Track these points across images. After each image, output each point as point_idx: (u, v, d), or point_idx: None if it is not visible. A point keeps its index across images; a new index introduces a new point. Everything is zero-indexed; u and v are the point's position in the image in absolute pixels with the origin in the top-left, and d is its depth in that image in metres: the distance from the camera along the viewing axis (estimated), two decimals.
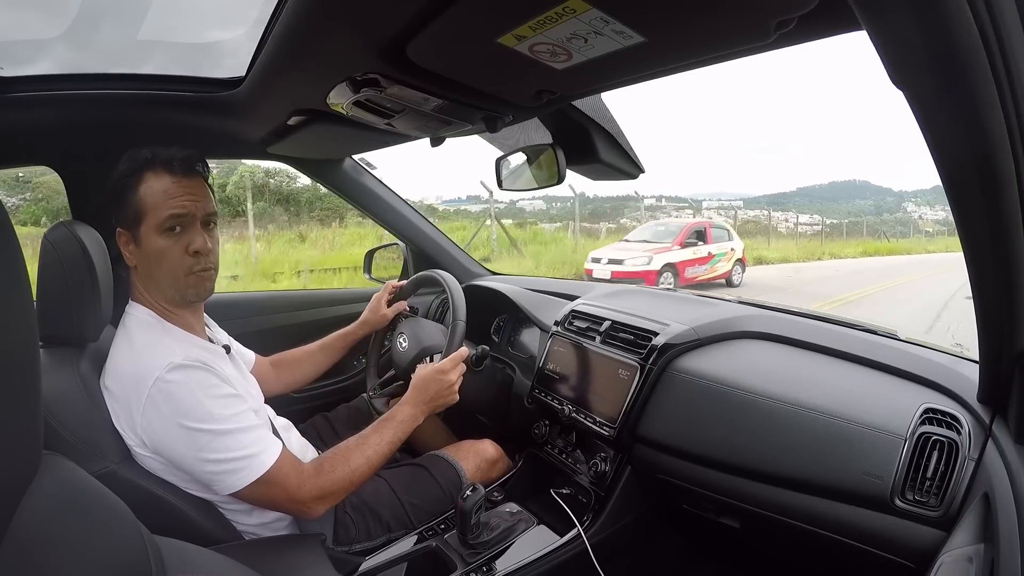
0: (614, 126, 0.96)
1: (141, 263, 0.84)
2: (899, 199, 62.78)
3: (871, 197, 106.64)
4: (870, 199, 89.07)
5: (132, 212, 0.81)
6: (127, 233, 0.83)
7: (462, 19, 0.56)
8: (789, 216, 25.44)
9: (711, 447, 0.93)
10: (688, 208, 25.53)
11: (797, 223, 21.54)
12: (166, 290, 0.85)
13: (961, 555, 0.55)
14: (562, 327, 1.26)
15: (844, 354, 0.95)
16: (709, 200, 30.38)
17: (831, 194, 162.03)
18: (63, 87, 0.94)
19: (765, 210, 24.87)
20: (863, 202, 66.03)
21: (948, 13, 0.34)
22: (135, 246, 0.83)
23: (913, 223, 26.59)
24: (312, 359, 1.27)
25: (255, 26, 0.76)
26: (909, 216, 37.09)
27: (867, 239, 20.96)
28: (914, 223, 26.46)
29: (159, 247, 0.82)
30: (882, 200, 48.60)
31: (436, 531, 1.03)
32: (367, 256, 1.81)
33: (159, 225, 0.81)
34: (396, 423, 0.95)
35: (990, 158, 0.42)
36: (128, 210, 0.81)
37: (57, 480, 0.40)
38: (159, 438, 0.76)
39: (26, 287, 0.35)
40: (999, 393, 0.67)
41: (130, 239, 0.83)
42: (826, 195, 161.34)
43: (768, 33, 0.52)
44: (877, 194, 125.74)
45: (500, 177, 1.13)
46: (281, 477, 0.80)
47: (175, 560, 0.46)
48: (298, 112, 0.97)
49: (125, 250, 0.84)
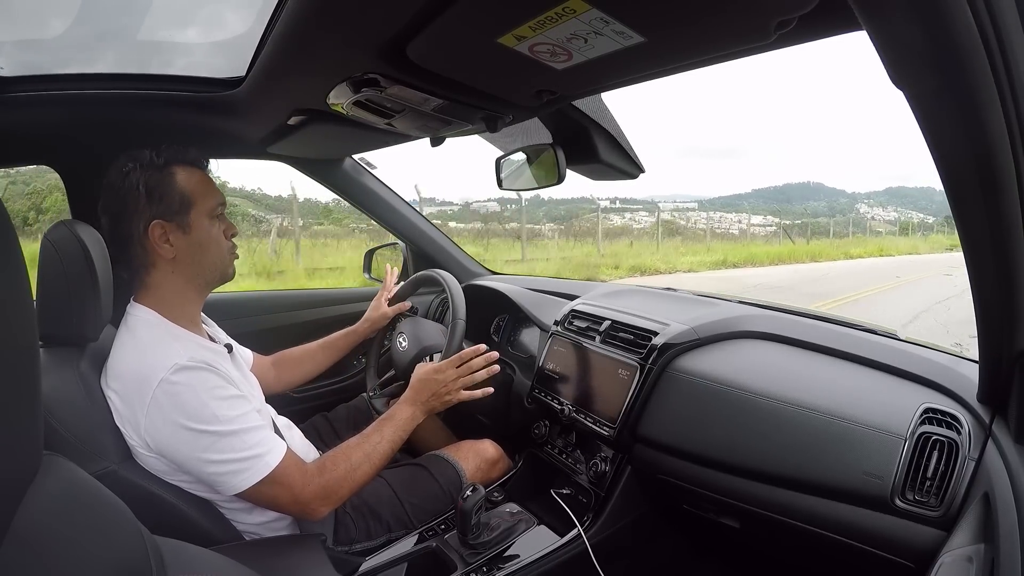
0: (614, 126, 0.96)
1: (187, 250, 0.85)
2: (852, 200, 63.69)
3: (825, 198, 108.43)
4: (823, 200, 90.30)
5: (178, 201, 0.84)
6: (169, 224, 0.83)
7: (462, 19, 0.56)
8: (742, 217, 25.79)
9: (711, 447, 0.93)
10: (643, 211, 25.87)
11: (750, 224, 21.89)
12: (208, 274, 0.89)
13: (961, 555, 0.55)
14: (562, 327, 1.26)
15: (844, 354, 0.95)
16: (665, 202, 30.72)
17: (785, 196, 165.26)
18: (63, 87, 0.94)
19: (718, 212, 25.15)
20: (817, 203, 67.04)
21: (948, 13, 0.34)
22: (181, 234, 0.84)
23: (866, 223, 27.03)
24: (314, 357, 1.27)
25: (255, 26, 0.76)
26: (862, 217, 37.67)
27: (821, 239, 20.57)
28: (867, 223, 26.91)
29: (212, 231, 0.88)
30: (835, 201, 49.06)
31: (436, 531, 1.03)
32: (367, 255, 1.81)
33: (210, 211, 0.87)
34: (396, 423, 0.95)
35: (990, 158, 0.42)
36: (171, 201, 0.83)
37: (57, 480, 0.40)
38: (163, 439, 0.76)
39: (26, 286, 0.35)
40: (999, 393, 0.67)
41: (175, 228, 0.84)
42: (780, 197, 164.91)
43: (768, 33, 0.52)
44: (831, 195, 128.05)
45: (500, 177, 1.13)
46: (285, 477, 0.80)
47: (175, 560, 0.46)
48: (298, 112, 0.97)
49: (161, 242, 0.84)
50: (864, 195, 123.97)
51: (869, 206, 65.02)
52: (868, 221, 33.02)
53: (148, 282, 0.86)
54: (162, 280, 0.85)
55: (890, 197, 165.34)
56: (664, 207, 29.14)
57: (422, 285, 1.30)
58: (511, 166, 1.11)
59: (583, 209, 21.32)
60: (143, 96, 0.99)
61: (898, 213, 59.38)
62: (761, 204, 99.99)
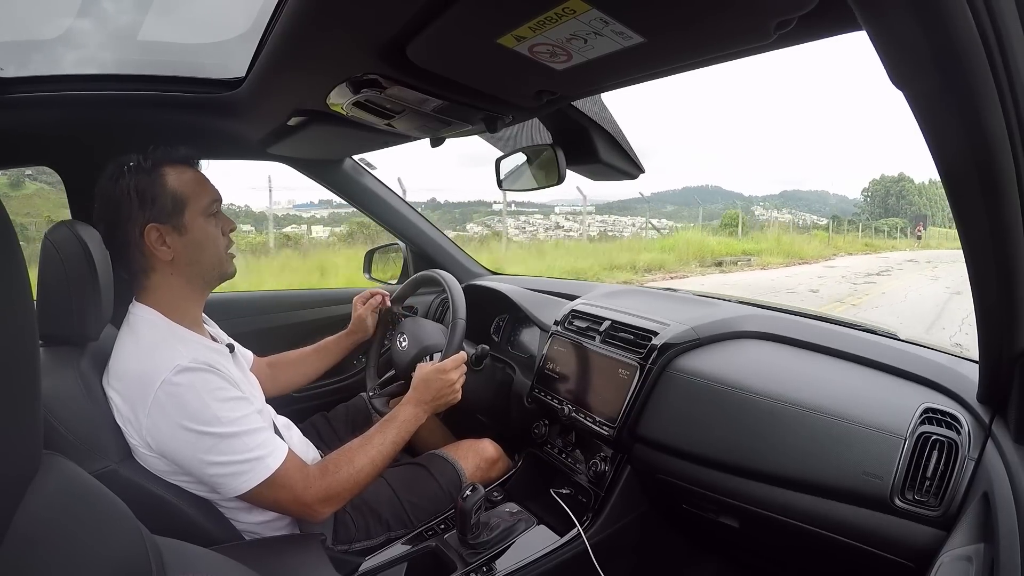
0: (614, 126, 0.96)
1: (184, 251, 0.85)
2: (748, 203, 64.94)
3: (722, 201, 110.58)
4: (720, 203, 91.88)
5: (170, 203, 0.83)
6: (164, 226, 0.83)
7: (462, 20, 0.56)
8: (636, 220, 26.24)
9: (711, 447, 0.93)
10: (538, 214, 25.93)
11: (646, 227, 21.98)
12: (208, 272, 0.89)
13: (961, 555, 0.55)
14: (562, 327, 1.26)
15: (844, 354, 0.95)
16: (561, 206, 30.68)
17: (684, 198, 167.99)
18: (63, 87, 0.94)
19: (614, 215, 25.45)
20: (714, 206, 68.42)
21: (948, 13, 0.34)
22: (177, 235, 0.84)
23: (761, 225, 27.41)
24: (308, 361, 1.26)
25: (255, 26, 0.76)
26: (757, 219, 38.41)
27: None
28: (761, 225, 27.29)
29: (207, 230, 0.87)
30: (731, 204, 49.85)
31: (436, 531, 1.03)
32: (367, 256, 1.81)
33: (204, 209, 0.86)
34: (399, 423, 0.95)
35: (990, 158, 0.42)
36: (163, 203, 0.83)
37: (57, 480, 0.40)
38: (165, 440, 0.76)
39: (26, 286, 0.35)
40: (999, 393, 0.67)
41: (170, 230, 0.84)
42: (679, 199, 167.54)
43: (768, 34, 0.52)
44: (728, 198, 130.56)
45: (500, 177, 1.13)
46: (287, 479, 0.80)
47: (175, 560, 0.46)
48: (298, 113, 0.97)
49: (158, 245, 0.83)
50: (760, 198, 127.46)
51: (765, 208, 66.57)
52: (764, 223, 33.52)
53: (148, 284, 0.85)
54: (162, 282, 0.85)
55: (785, 200, 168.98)
56: (560, 211, 29.39)
57: (422, 285, 1.30)
58: (511, 166, 1.11)
59: (478, 212, 21.28)
60: (143, 97, 0.99)
61: (792, 215, 60.60)
62: (659, 207, 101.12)
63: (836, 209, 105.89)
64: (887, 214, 62.80)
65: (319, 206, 27.74)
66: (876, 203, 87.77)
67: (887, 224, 30.83)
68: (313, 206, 29.65)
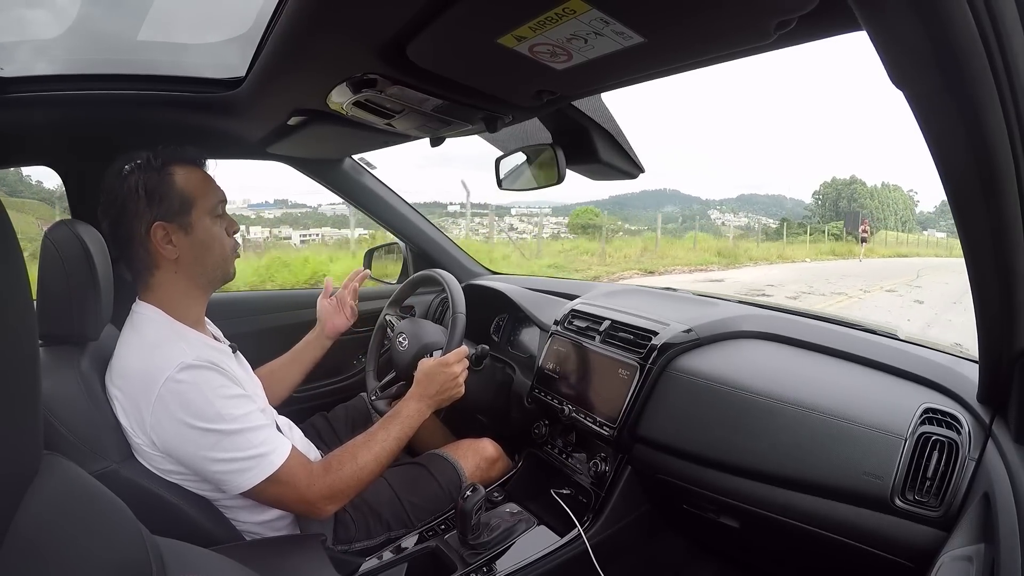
0: (614, 126, 0.96)
1: (190, 250, 0.85)
2: (705, 206, 65.16)
3: (679, 205, 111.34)
4: (677, 206, 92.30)
5: (178, 202, 0.83)
6: (170, 225, 0.83)
7: (462, 20, 0.56)
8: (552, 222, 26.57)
9: (711, 447, 0.93)
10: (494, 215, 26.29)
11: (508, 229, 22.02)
12: (212, 272, 0.89)
13: (961, 555, 0.55)
14: (562, 326, 1.26)
15: (844, 354, 0.95)
16: (517, 207, 30.58)
17: (642, 202, 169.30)
18: (63, 87, 0.94)
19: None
20: (671, 209, 68.77)
21: (948, 13, 0.34)
22: (183, 234, 0.84)
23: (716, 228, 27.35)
24: (285, 371, 1.21)
25: (255, 26, 0.76)
26: (712, 222, 38.43)
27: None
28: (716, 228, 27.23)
29: (213, 230, 0.87)
30: (688, 207, 49.89)
31: (436, 531, 1.03)
32: (367, 255, 1.81)
33: (211, 209, 0.87)
34: (402, 419, 0.95)
35: (990, 158, 0.42)
36: (171, 201, 0.83)
37: (57, 480, 0.40)
38: (168, 438, 0.76)
39: (25, 286, 0.35)
40: (999, 393, 0.67)
41: (176, 229, 0.84)
42: (637, 203, 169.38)
43: (768, 33, 0.52)
44: (685, 202, 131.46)
45: (500, 177, 1.13)
46: (291, 476, 0.80)
47: (175, 561, 0.46)
48: (298, 112, 0.97)
49: (164, 244, 0.83)
50: (717, 202, 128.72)
51: (721, 212, 66.77)
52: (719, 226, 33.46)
53: (152, 283, 0.86)
54: (166, 280, 0.85)
55: (742, 204, 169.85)
56: (515, 212, 29.45)
57: (420, 286, 1.30)
58: (511, 166, 1.10)
59: (433, 214, 21.34)
60: (143, 97, 0.99)
61: (749, 219, 60.54)
62: (617, 209, 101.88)
63: (791, 213, 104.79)
64: (838, 217, 62.38)
65: (274, 206, 27.77)
66: (827, 206, 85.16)
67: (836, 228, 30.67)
68: (268, 206, 29.69)
